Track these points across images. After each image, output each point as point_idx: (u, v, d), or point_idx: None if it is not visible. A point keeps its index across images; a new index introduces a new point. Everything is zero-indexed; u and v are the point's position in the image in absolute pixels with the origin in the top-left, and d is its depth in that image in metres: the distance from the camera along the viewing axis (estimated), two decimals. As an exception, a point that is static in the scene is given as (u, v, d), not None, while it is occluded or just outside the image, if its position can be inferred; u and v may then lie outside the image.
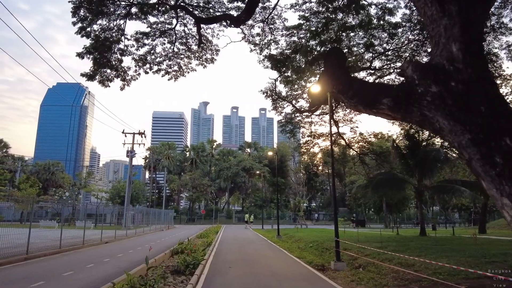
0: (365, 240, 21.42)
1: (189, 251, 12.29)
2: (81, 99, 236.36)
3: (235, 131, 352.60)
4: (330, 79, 8.45)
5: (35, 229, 16.42)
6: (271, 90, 26.17)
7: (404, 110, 5.26)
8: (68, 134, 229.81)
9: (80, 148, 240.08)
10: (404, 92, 4.95)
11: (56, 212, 44.04)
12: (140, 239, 24.92)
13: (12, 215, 39.41)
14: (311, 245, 20.31)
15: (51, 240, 15.56)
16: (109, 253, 15.07)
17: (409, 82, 4.83)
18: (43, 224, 30.78)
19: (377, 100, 6.01)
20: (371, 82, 16.11)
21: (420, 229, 24.30)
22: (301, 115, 29.03)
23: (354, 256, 14.15)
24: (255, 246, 19.40)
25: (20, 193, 35.77)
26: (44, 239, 15.28)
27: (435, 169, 23.66)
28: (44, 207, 47.26)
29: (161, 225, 39.32)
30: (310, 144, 31.00)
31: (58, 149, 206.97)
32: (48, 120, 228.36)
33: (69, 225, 33.67)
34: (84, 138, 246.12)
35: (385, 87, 8.80)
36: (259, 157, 74.94)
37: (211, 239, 21.81)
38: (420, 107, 4.60)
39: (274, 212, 69.31)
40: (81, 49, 17.99)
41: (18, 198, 27.18)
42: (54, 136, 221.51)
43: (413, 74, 4.92)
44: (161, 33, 20.42)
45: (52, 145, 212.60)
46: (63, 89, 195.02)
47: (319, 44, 16.59)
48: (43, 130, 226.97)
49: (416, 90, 4.66)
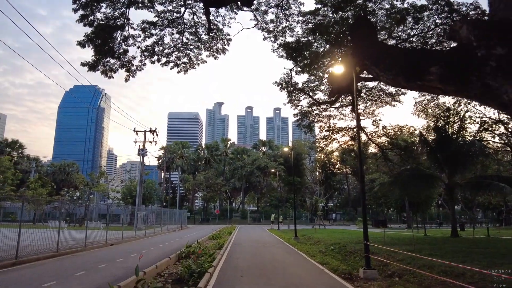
0: (391, 242, 19.50)
1: (195, 256, 10.70)
2: (97, 101, 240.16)
3: (250, 131, 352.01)
4: (360, 50, 6.81)
5: (32, 230, 15.22)
6: (286, 81, 24.44)
7: (460, 80, 3.94)
8: (85, 136, 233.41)
9: (97, 149, 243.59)
10: (458, 57, 3.85)
11: (68, 213, 43.50)
12: (149, 240, 23.60)
13: (23, 215, 38.87)
14: (332, 248, 18.49)
15: (49, 243, 14.28)
16: (109, 257, 13.66)
17: (465, 45, 3.77)
18: (52, 225, 29.89)
19: (423, 69, 4.56)
20: (413, 48, 14.12)
21: (452, 230, 22.07)
22: (318, 108, 27.15)
23: (384, 261, 12.28)
24: (271, 249, 17.69)
25: (31, 193, 35.19)
26: (40, 242, 14.03)
27: (469, 164, 21.41)
28: (57, 208, 46.86)
29: (174, 226, 38.04)
30: (329, 140, 29.05)
31: (76, 151, 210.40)
32: (66, 122, 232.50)
33: (80, 225, 32.78)
34: (101, 139, 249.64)
35: (432, 53, 7.01)
36: (274, 155, 73.10)
37: (224, 241, 20.25)
38: (481, 75, 3.54)
39: (290, 212, 67.40)
40: (82, 37, 16.86)
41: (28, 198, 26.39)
42: (71, 138, 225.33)
43: (469, 34, 3.71)
44: (169, 23, 18.98)
45: (70, 147, 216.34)
46: (80, 91, 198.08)
47: (340, 22, 14.77)
48: (61, 132, 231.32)
49: (474, 54, 3.59)
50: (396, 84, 7.40)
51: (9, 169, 37.15)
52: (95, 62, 17.32)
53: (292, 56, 21.95)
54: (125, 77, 18.69)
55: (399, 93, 26.27)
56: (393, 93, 26.37)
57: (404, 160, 26.85)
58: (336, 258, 14.72)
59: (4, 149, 64.38)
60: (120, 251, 16.34)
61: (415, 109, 26.65)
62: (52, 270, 10.61)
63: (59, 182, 69.58)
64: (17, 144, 66.69)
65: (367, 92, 27.25)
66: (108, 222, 39.00)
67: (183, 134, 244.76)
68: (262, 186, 69.86)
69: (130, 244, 21.02)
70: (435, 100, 25.42)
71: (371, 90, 26.83)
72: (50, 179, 69.60)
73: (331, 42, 13.13)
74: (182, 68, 20.33)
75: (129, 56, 18.12)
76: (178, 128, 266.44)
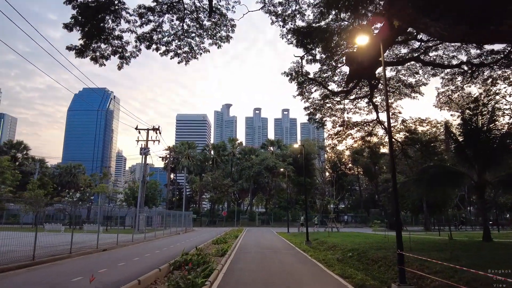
0: (417, 247, 17.30)
1: (186, 270, 8.64)
2: (106, 104, 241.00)
3: (258, 132, 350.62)
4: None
5: (14, 233, 13.47)
6: (297, 71, 22.36)
7: None
8: (94, 138, 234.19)
9: (107, 151, 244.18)
10: None
11: (70, 215, 42.03)
12: (147, 245, 21.67)
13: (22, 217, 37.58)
14: (350, 255, 16.32)
15: (26, 250, 12.39)
16: (91, 267, 11.70)
17: None
18: (48, 227, 28.25)
19: (501, 10, 3.83)
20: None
21: (484, 233, 19.58)
22: (331, 100, 24.98)
23: (417, 273, 10.05)
24: (281, 256, 15.55)
25: (28, 194, 33.69)
26: (19, 247, 12.21)
27: (503, 159, 18.95)
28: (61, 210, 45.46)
29: (177, 228, 36.12)
30: (342, 136, 26.81)
31: (85, 153, 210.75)
32: (75, 125, 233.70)
33: (80, 228, 31.15)
34: (110, 142, 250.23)
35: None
36: (283, 155, 70.80)
37: (228, 246, 18.22)
38: None
39: (299, 214, 65.03)
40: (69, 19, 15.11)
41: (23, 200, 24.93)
42: (80, 141, 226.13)
43: None
44: (169, 8, 17.12)
45: (79, 149, 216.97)
46: (89, 94, 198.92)
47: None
48: (70, 135, 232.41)
49: None
50: (453, 37, 5.20)
51: (8, 169, 35.76)
52: (83, 47, 15.50)
53: (302, 43, 19.89)
54: (118, 64, 16.89)
55: (419, 83, 24.00)
56: (412, 84, 24.11)
57: (426, 157, 24.53)
58: (357, 268, 12.55)
59: (9, 150, 63.44)
60: (108, 258, 14.40)
61: (438, 101, 24.27)
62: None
63: (65, 184, 68.52)
64: (22, 145, 65.72)
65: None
66: (107, 225, 37.51)
67: (191, 136, 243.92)
68: (271, 187, 67.66)
69: (126, 249, 19.10)
70: (459, 90, 23.10)
71: (389, 80, 24.62)
72: (56, 180, 68.93)
73: (351, 7, 10.98)
74: (183, 58, 18.48)
75: (122, 41, 16.37)
76: (186, 130, 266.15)
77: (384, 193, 50.72)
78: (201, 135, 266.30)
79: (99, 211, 28.44)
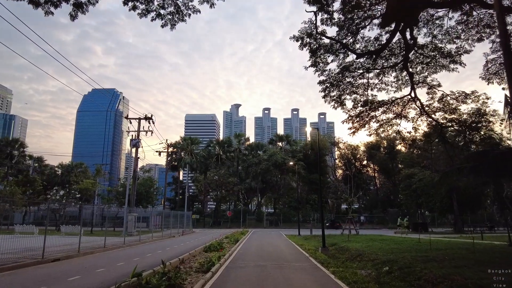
0: (460, 255, 12.80)
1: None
2: (115, 105, 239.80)
3: (267, 132, 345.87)
4: None
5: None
6: (309, 33, 17.82)
7: None
8: (103, 139, 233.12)
9: (116, 152, 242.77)
10: None
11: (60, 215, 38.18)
12: (122, 252, 17.30)
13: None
14: (387, 269, 11.68)
15: None
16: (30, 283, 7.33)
17: None
18: (19, 229, 24.22)
19: None
20: None
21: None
22: (352, 73, 20.30)
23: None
24: (289, 273, 10.89)
25: (4, 192, 29.83)
26: None
27: None
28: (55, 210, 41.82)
29: (172, 230, 31.67)
30: (365, 118, 22.02)
31: (95, 154, 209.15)
32: (85, 126, 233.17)
33: (57, 230, 27.13)
34: (120, 143, 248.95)
35: None
36: (292, 151, 65.88)
37: (220, 255, 13.75)
38: None
39: (310, 215, 60.18)
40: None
41: None
42: (90, 141, 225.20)
43: None
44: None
45: (89, 150, 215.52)
46: (99, 95, 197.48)
47: None
48: (80, 136, 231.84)
49: None
50: None
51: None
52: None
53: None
54: (70, 13, 12.64)
55: (460, 51, 19.17)
56: (451, 52, 19.30)
57: (471, 141, 19.65)
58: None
59: (5, 148, 60.35)
60: (63, 270, 10.01)
61: (486, 71, 19.39)
62: None
63: (66, 183, 65.42)
64: (18, 143, 62.65)
65: (416, 53, 20.24)
66: (93, 226, 33.47)
67: (200, 136, 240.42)
68: (280, 185, 62.91)
69: (90, 257, 14.75)
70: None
71: (423, 48, 19.83)
72: (58, 180, 65.84)
73: None
74: (168, 21, 14.15)
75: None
76: (195, 130, 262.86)
77: (407, 191, 45.40)
78: (210, 135, 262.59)
79: (115, 212, 24.38)
